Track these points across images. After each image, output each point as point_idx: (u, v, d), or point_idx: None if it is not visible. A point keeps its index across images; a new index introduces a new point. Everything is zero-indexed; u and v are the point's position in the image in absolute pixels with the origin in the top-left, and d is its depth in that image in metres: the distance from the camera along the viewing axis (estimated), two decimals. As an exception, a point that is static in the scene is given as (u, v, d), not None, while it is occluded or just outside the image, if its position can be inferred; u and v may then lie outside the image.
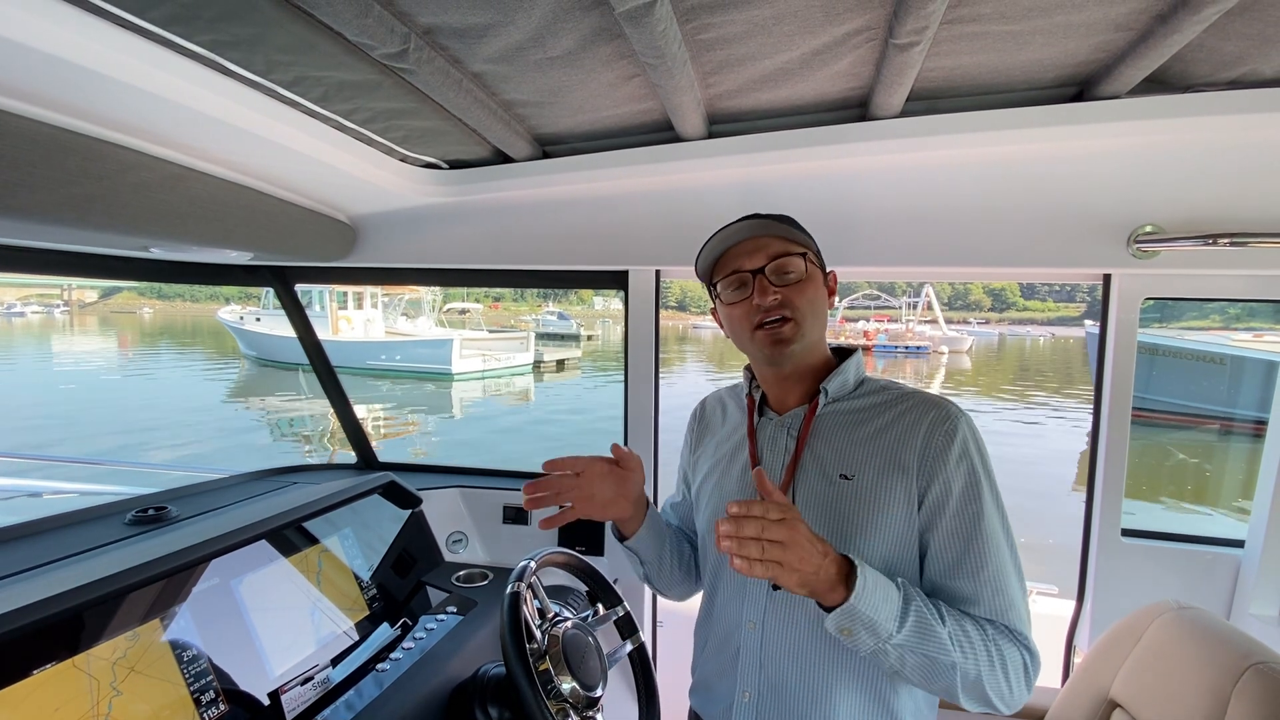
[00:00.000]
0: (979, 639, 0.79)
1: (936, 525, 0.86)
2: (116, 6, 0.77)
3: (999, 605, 0.82)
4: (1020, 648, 0.81)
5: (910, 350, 31.76)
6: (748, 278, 0.95)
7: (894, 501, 0.87)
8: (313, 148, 1.24)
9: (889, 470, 0.89)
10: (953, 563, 0.85)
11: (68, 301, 60.49)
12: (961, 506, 0.85)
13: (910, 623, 0.76)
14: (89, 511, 1.45)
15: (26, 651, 0.84)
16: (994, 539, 0.84)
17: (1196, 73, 1.13)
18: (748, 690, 0.95)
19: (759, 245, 0.95)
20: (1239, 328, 12.21)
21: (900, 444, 0.89)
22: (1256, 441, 6.32)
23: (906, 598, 0.79)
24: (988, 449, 0.90)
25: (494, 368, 20.44)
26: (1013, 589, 0.83)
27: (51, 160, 0.95)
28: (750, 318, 0.95)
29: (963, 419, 0.89)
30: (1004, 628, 0.82)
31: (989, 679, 0.78)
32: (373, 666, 1.26)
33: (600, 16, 0.92)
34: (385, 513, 1.66)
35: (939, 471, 0.86)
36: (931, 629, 0.77)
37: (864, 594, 0.74)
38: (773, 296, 0.92)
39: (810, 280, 0.95)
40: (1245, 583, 1.53)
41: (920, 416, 0.90)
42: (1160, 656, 1.11)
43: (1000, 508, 0.87)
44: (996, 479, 0.88)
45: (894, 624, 0.75)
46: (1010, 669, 0.79)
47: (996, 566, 0.83)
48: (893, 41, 0.98)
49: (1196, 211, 1.37)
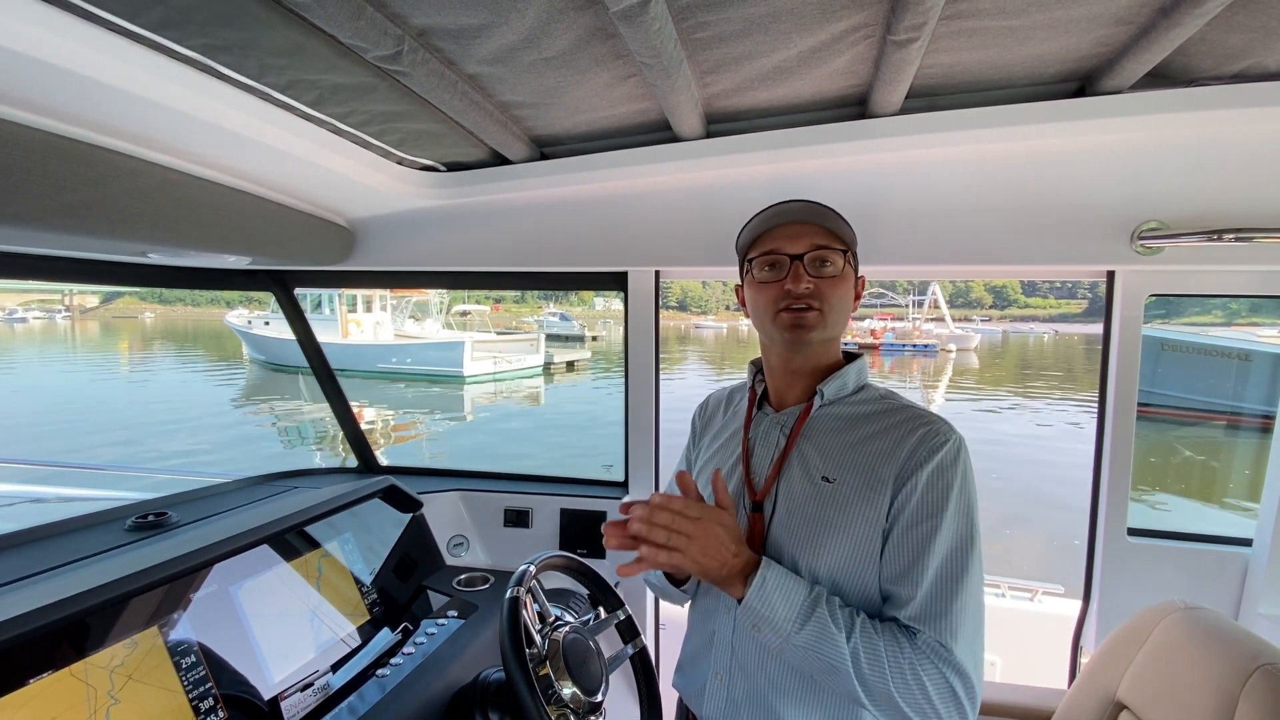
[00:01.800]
0: (889, 656, 0.77)
1: (893, 531, 0.85)
2: (107, 11, 0.77)
3: (930, 614, 0.79)
4: (945, 666, 0.77)
5: (918, 348, 31.70)
6: (785, 261, 0.94)
7: (869, 510, 0.87)
8: (309, 151, 1.24)
9: (870, 480, 0.88)
10: (901, 570, 0.83)
11: (69, 306, 60.50)
12: (921, 518, 0.83)
13: (810, 627, 0.80)
14: (89, 518, 1.44)
15: (23, 660, 0.83)
16: (946, 554, 0.82)
17: (1199, 67, 1.12)
18: (720, 672, 0.97)
19: (804, 231, 0.94)
20: (1241, 323, 12.07)
21: (885, 456, 0.88)
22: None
23: (814, 602, 0.81)
24: (973, 473, 0.87)
25: (505, 370, 20.38)
26: (954, 605, 0.80)
27: (46, 167, 0.95)
28: (778, 301, 0.94)
29: (950, 438, 0.87)
30: (928, 643, 0.78)
31: (903, 696, 0.76)
32: (373, 672, 1.25)
33: (595, 16, 0.91)
34: (386, 516, 1.66)
35: (908, 481, 0.85)
36: (831, 637, 0.79)
37: (760, 592, 0.81)
38: (805, 285, 0.92)
39: (844, 278, 0.95)
40: (1253, 582, 1.52)
41: (910, 431, 0.89)
42: (1167, 657, 1.09)
43: (969, 529, 0.84)
44: (976, 504, 0.86)
45: (792, 625, 0.80)
46: (930, 690, 0.76)
47: (941, 578, 0.81)
48: (891, 38, 0.97)
49: (1200, 207, 1.36)
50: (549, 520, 1.93)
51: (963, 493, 0.85)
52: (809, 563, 0.88)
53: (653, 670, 1.26)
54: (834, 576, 0.87)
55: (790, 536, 0.91)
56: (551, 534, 1.93)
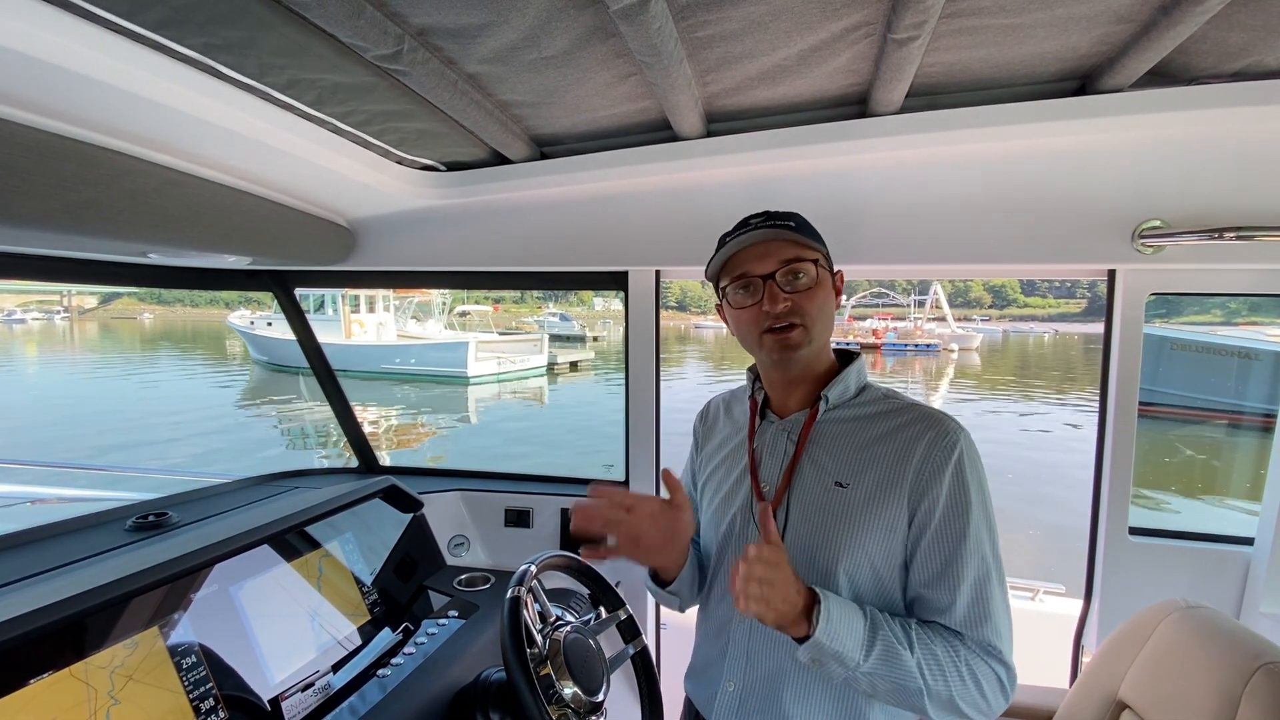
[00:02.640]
0: (948, 661, 0.80)
1: (923, 537, 0.86)
2: (107, 11, 0.77)
3: (974, 617, 0.83)
4: (995, 662, 0.82)
5: (920, 348, 31.63)
6: (757, 283, 0.93)
7: (885, 514, 0.88)
8: (309, 151, 1.24)
9: (884, 483, 0.89)
10: (935, 574, 0.85)
11: (67, 308, 60.07)
12: (949, 521, 0.85)
13: (877, 652, 0.79)
14: (90, 518, 1.44)
15: (23, 661, 0.83)
16: (978, 554, 0.84)
17: (1200, 65, 1.12)
18: (732, 681, 0.96)
19: (770, 250, 0.93)
20: (1240, 323, 12.03)
21: (897, 459, 0.89)
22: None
23: (874, 626, 0.81)
24: (983, 466, 0.90)
25: (509, 370, 20.26)
26: (993, 605, 0.84)
27: (46, 167, 0.95)
28: (759, 323, 0.94)
29: (961, 436, 0.89)
30: (978, 643, 0.83)
31: (961, 695, 0.80)
32: (374, 672, 1.25)
33: (595, 15, 0.91)
34: (387, 516, 1.66)
35: (931, 487, 0.86)
36: (898, 657, 0.79)
37: (827, 628, 0.78)
38: (783, 304, 0.91)
39: (820, 286, 0.94)
40: (1255, 581, 1.52)
41: (920, 433, 0.89)
42: (1169, 656, 1.09)
43: (989, 525, 0.87)
44: (990, 497, 0.89)
45: (860, 654, 0.78)
46: (984, 685, 0.81)
47: (977, 580, 0.84)
48: (891, 36, 0.97)
49: (1201, 205, 1.36)
50: (549, 520, 1.93)
51: (980, 488, 0.87)
52: (826, 568, 0.89)
53: (654, 670, 1.26)
54: (852, 580, 0.88)
55: (806, 543, 0.91)
56: (552, 534, 1.92)
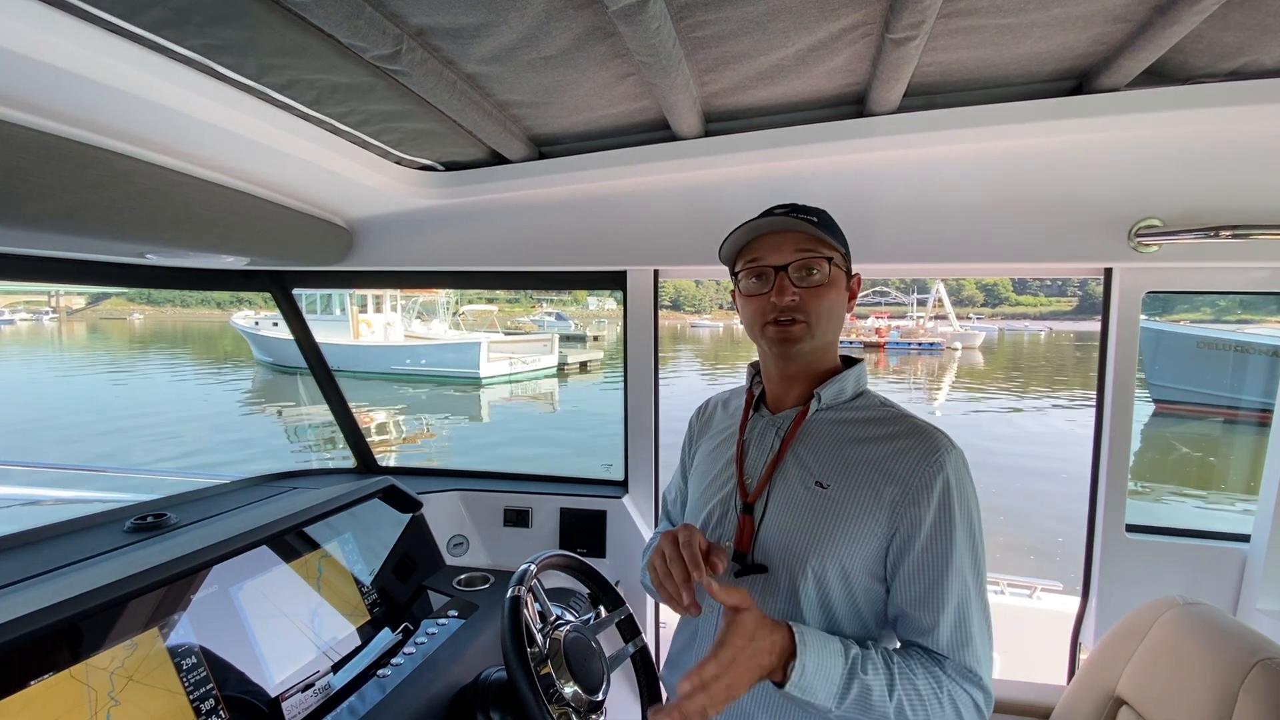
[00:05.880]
0: (930, 693, 0.80)
1: (906, 556, 0.85)
2: (106, 12, 0.77)
3: (957, 640, 0.83)
4: (973, 688, 0.82)
5: (924, 346, 31.62)
6: (769, 272, 0.91)
7: (862, 520, 0.87)
8: (307, 151, 1.23)
9: (864, 490, 0.87)
10: (919, 595, 0.84)
11: (55, 308, 59.21)
12: (934, 541, 0.84)
13: (852, 697, 0.78)
14: (88, 519, 1.44)
15: (23, 662, 0.83)
16: (961, 576, 0.84)
17: (1196, 64, 1.13)
18: None
19: (786, 240, 0.91)
20: (1231, 320, 12.06)
21: (881, 469, 0.88)
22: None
23: (851, 671, 0.79)
24: (973, 484, 0.88)
25: (520, 371, 20.02)
26: (972, 629, 0.83)
27: (45, 168, 0.95)
28: (765, 313, 0.93)
29: (950, 454, 0.87)
30: (958, 668, 0.83)
31: (938, 718, 0.81)
32: (374, 672, 1.25)
33: (593, 15, 0.91)
34: (386, 517, 1.66)
35: (915, 505, 0.85)
36: (872, 704, 0.78)
37: (800, 681, 0.77)
38: (790, 297, 0.90)
39: (832, 285, 0.92)
40: (1251, 577, 1.52)
41: (909, 447, 0.88)
42: (1166, 653, 1.10)
43: (973, 547, 0.86)
44: (978, 516, 0.88)
45: (833, 702, 0.78)
46: (963, 711, 0.81)
47: (960, 604, 0.83)
48: (889, 36, 0.97)
49: (1197, 204, 1.36)
50: (549, 520, 1.93)
51: (967, 508, 0.86)
52: (795, 565, 0.88)
53: (654, 668, 1.27)
54: (819, 579, 0.87)
55: (780, 540, 0.90)
56: (551, 533, 1.93)
